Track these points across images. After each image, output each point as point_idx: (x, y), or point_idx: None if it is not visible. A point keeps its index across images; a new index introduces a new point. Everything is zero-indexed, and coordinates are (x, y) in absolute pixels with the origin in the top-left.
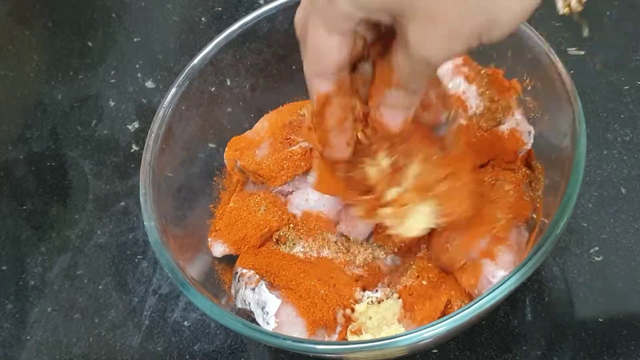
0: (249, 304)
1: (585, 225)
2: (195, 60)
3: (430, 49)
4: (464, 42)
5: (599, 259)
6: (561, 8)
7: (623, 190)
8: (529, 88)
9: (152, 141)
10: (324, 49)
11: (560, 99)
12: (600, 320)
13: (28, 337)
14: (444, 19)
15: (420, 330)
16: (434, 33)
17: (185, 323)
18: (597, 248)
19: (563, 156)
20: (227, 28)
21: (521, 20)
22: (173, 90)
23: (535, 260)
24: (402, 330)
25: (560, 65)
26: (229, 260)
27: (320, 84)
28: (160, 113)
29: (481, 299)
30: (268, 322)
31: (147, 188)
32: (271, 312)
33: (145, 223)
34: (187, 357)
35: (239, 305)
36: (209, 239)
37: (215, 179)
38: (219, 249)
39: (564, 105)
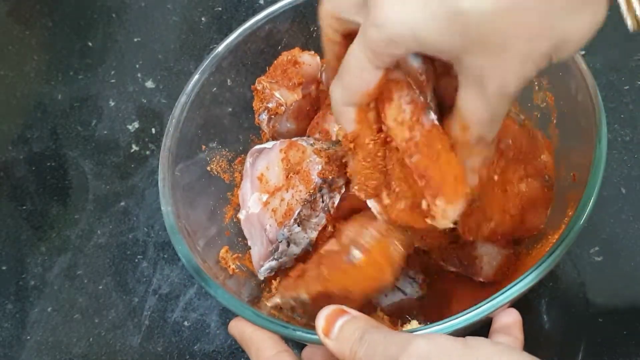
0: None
1: (585, 225)
2: (220, 47)
3: (505, 79)
4: (536, 65)
5: (599, 259)
6: (631, 25)
7: (623, 190)
8: (546, 85)
9: (172, 127)
10: (359, 79)
11: (581, 97)
12: (600, 320)
13: (28, 337)
14: (515, 46)
15: (429, 328)
16: (506, 62)
17: (185, 323)
18: (597, 248)
19: (582, 156)
20: (251, 18)
21: (589, 38)
22: (196, 77)
23: (554, 256)
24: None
25: (580, 60)
26: (242, 250)
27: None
28: (182, 99)
29: (497, 297)
30: None
31: (166, 173)
32: None
33: (162, 208)
34: (187, 357)
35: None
36: None
37: (238, 160)
38: None
39: (586, 106)
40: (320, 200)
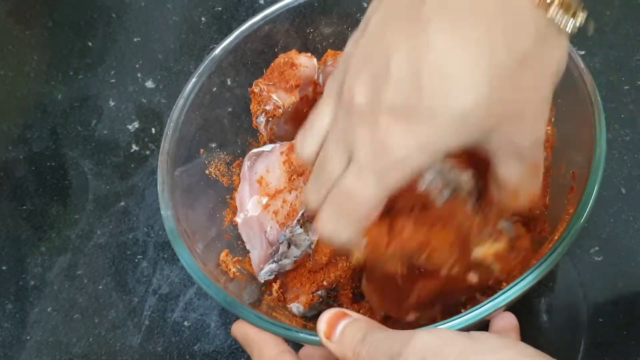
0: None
1: (585, 225)
2: (217, 50)
3: (535, 132)
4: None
5: (599, 259)
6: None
7: (623, 190)
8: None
9: (170, 130)
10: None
11: (579, 95)
12: (600, 320)
13: (28, 337)
14: (528, 106)
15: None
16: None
17: (185, 323)
18: (597, 248)
19: (582, 156)
20: (248, 19)
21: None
22: (193, 80)
23: (554, 256)
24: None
25: (578, 60)
26: (242, 254)
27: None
28: (180, 103)
29: (497, 297)
30: None
31: (165, 176)
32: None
33: (162, 212)
34: (187, 357)
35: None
36: None
37: (236, 164)
38: None
39: (585, 104)
40: None
